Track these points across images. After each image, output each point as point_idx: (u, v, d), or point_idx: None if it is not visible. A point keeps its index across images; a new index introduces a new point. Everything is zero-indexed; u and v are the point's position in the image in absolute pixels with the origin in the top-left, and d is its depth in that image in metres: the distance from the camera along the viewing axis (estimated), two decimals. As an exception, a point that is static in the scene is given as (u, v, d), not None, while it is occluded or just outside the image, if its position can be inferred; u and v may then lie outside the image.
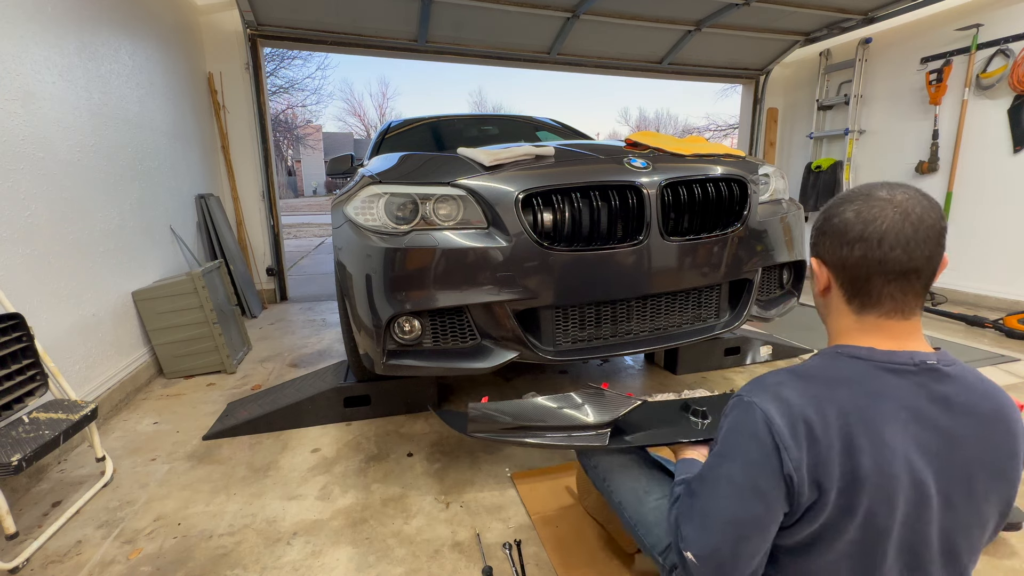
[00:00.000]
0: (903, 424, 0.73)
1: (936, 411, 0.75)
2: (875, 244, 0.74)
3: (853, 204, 0.78)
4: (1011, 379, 2.70)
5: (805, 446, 0.72)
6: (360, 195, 1.69)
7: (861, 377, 0.76)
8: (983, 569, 1.40)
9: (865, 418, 0.73)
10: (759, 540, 0.76)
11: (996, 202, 4.14)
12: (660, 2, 4.34)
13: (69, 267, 2.32)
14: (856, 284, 0.78)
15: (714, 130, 24.37)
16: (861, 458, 0.71)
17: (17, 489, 1.83)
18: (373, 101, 58.08)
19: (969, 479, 0.75)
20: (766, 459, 0.74)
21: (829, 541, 0.75)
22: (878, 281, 0.76)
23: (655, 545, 1.12)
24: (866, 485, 0.71)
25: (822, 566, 0.77)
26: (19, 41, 2.11)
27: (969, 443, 0.75)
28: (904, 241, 0.73)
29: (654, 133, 2.19)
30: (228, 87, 4.48)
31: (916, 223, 0.73)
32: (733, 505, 0.77)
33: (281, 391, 2.53)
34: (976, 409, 0.76)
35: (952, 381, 0.76)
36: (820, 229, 0.82)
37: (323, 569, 1.45)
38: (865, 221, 0.75)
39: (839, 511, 0.73)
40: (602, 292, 1.65)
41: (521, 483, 1.82)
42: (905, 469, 0.72)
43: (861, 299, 0.78)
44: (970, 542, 0.78)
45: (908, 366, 0.76)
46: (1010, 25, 3.99)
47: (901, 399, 0.74)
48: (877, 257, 0.74)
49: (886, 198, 0.76)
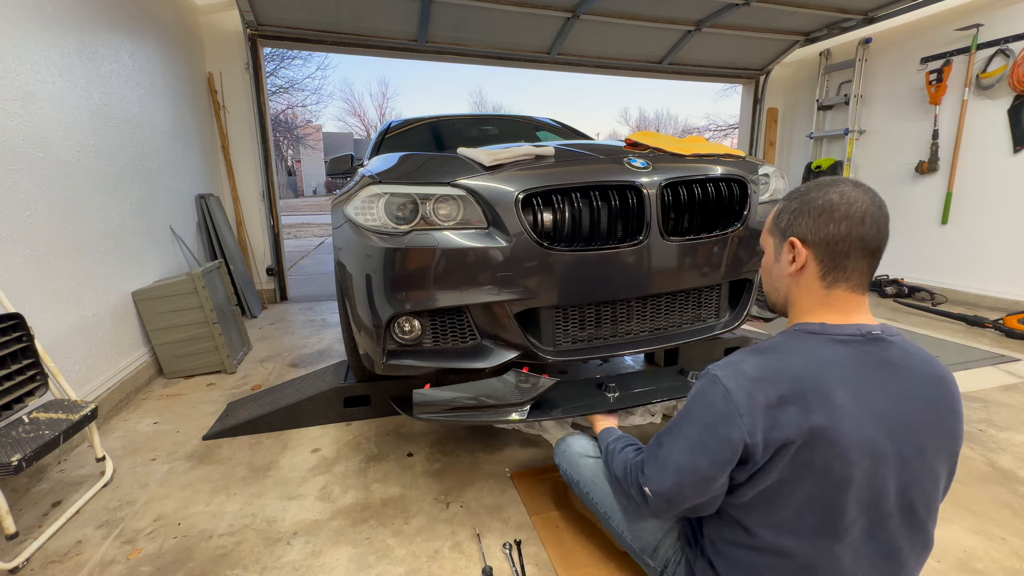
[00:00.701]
0: (852, 388, 0.82)
1: (882, 375, 0.84)
2: (859, 221, 0.85)
3: (832, 188, 0.88)
4: (1011, 379, 2.70)
5: (760, 412, 0.83)
6: (360, 195, 1.69)
7: (814, 348, 0.86)
8: (988, 570, 1.40)
9: (817, 383, 0.82)
10: (703, 487, 0.91)
11: (996, 202, 4.14)
12: (660, 2, 4.34)
13: (69, 267, 2.32)
14: (836, 259, 0.88)
15: (714, 130, 24.36)
16: (814, 418, 0.80)
17: (17, 489, 1.83)
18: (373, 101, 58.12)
19: (918, 436, 0.84)
20: (718, 424, 0.86)
21: (788, 493, 0.85)
22: (856, 255, 0.87)
23: (644, 549, 1.21)
24: (820, 442, 0.80)
25: (788, 518, 0.86)
26: (19, 41, 2.11)
27: (915, 403, 0.84)
28: (879, 222, 0.86)
29: (654, 133, 2.18)
30: (228, 87, 4.48)
31: (881, 206, 0.87)
32: (684, 457, 0.92)
33: (281, 391, 2.53)
34: (919, 373, 0.86)
35: (895, 348, 0.87)
36: (797, 211, 0.91)
37: (323, 569, 1.45)
38: (849, 202, 0.86)
39: (797, 466, 0.82)
40: (602, 292, 1.65)
41: (521, 483, 1.82)
42: (856, 427, 0.81)
43: (835, 273, 0.89)
44: (925, 497, 0.86)
45: (856, 336, 0.86)
46: (1010, 25, 3.99)
47: (850, 367, 0.84)
48: (860, 234, 0.85)
49: (855, 187, 0.88)
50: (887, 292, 4.64)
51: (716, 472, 0.88)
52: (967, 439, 2.09)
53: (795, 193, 0.94)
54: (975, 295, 4.32)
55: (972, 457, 1.96)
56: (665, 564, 1.16)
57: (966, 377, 2.73)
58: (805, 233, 0.90)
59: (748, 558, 0.93)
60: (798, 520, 0.85)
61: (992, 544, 1.49)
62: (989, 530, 1.55)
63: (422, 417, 1.60)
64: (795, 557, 0.87)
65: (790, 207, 0.93)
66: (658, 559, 1.18)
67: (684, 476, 0.92)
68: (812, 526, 0.85)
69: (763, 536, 0.89)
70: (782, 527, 0.87)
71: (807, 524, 0.85)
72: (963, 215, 4.39)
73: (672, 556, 1.15)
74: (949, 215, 4.46)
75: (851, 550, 0.85)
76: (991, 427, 2.19)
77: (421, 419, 1.60)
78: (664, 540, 1.18)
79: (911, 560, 0.88)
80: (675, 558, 1.14)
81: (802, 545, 0.86)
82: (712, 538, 1.02)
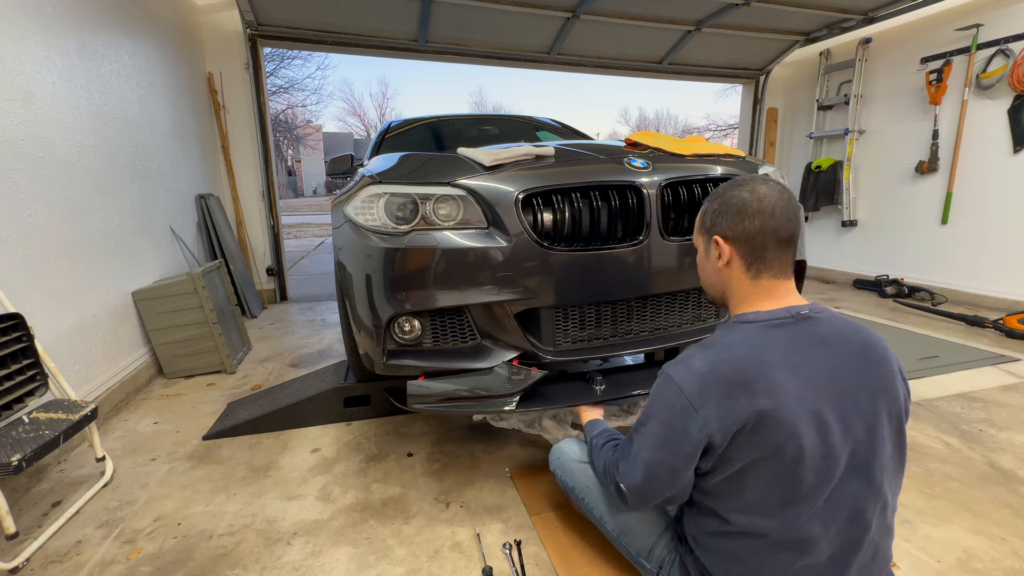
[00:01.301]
0: (791, 367, 0.89)
1: (817, 350, 0.92)
2: (769, 215, 0.94)
3: (744, 187, 0.98)
4: (1011, 379, 2.70)
5: (713, 401, 0.89)
6: (360, 195, 1.69)
7: (751, 336, 0.94)
8: (988, 570, 1.40)
9: (758, 369, 0.89)
10: (671, 479, 0.97)
11: (996, 202, 4.14)
12: (660, 2, 4.34)
13: (69, 267, 2.32)
14: (756, 251, 0.96)
15: (714, 130, 24.36)
16: (760, 401, 0.87)
17: (17, 489, 1.83)
18: (373, 101, 58.07)
19: (858, 400, 0.90)
20: (676, 420, 0.93)
21: (751, 475, 0.91)
22: (772, 246, 0.95)
23: (640, 551, 1.24)
24: (769, 423, 0.87)
25: (755, 500, 0.92)
26: (19, 41, 2.11)
27: (849, 370, 0.91)
28: (788, 213, 0.94)
29: (654, 133, 2.18)
30: (228, 87, 4.48)
31: (790, 199, 0.96)
32: (650, 453, 0.99)
33: (281, 391, 2.53)
34: (849, 342, 0.93)
35: (824, 324, 0.94)
36: (718, 211, 1.00)
37: (323, 569, 1.45)
38: (760, 198, 0.95)
39: (753, 448, 0.89)
40: (602, 292, 1.65)
41: (521, 483, 1.82)
42: (799, 403, 0.87)
43: (758, 265, 0.97)
44: (876, 456, 0.91)
45: (787, 319, 0.94)
46: (1010, 25, 3.99)
47: (786, 347, 0.91)
48: (772, 226, 0.94)
49: (764, 183, 0.97)
50: (887, 292, 4.64)
51: (681, 464, 0.95)
52: (967, 439, 2.09)
53: (715, 194, 1.03)
54: (975, 295, 4.32)
55: (972, 457, 1.96)
56: (660, 565, 1.19)
57: (966, 377, 2.73)
58: (726, 230, 0.99)
59: (727, 545, 0.98)
60: (764, 499, 0.91)
61: (992, 544, 1.49)
62: (989, 530, 1.55)
63: (415, 408, 1.64)
64: (769, 535, 0.92)
65: (712, 207, 1.02)
66: (653, 560, 1.20)
67: (652, 470, 0.99)
68: (777, 502, 0.90)
69: (737, 521, 0.95)
70: (752, 509, 0.93)
71: (772, 502, 0.91)
72: (963, 215, 4.39)
73: (667, 556, 1.18)
74: (949, 215, 4.46)
75: (818, 519, 0.90)
76: (991, 427, 2.19)
77: (415, 409, 1.64)
78: (658, 542, 1.20)
79: (874, 521, 0.92)
80: (669, 558, 1.17)
81: (772, 522, 0.91)
82: (693, 533, 1.07)
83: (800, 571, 0.92)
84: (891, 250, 5.02)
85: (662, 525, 1.22)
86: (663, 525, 1.22)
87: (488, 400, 1.62)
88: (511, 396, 1.61)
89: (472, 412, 1.67)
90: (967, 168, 4.32)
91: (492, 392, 1.62)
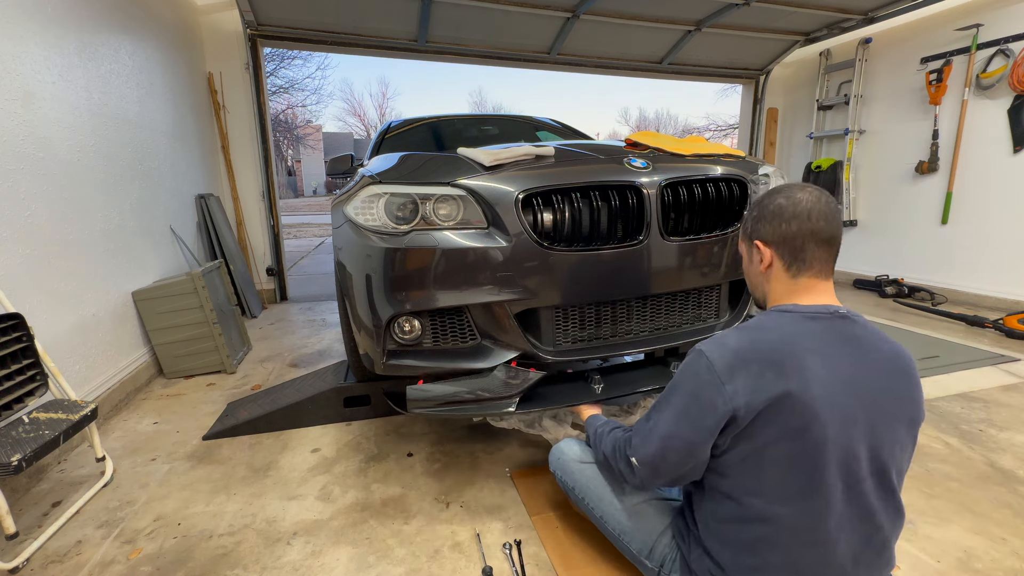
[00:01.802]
0: (821, 356, 0.93)
1: (849, 348, 0.95)
2: (806, 217, 0.98)
3: (780, 194, 1.02)
4: (1011, 379, 2.70)
5: (740, 379, 0.92)
6: (360, 195, 1.69)
7: (788, 323, 0.97)
8: (988, 570, 1.40)
9: (790, 352, 0.92)
10: (686, 453, 0.99)
11: (996, 202, 4.14)
12: (660, 2, 4.34)
13: (69, 267, 2.32)
14: (795, 252, 1.00)
15: (714, 130, 24.35)
16: (789, 381, 0.89)
17: (17, 489, 1.83)
18: (373, 101, 58.03)
19: (882, 402, 0.93)
20: (702, 391, 0.95)
21: (771, 456, 0.92)
22: (811, 247, 0.99)
23: (641, 550, 1.24)
24: (795, 403, 0.89)
25: (773, 483, 0.93)
26: (19, 41, 2.11)
27: (877, 372, 0.94)
28: (826, 215, 0.98)
29: (654, 133, 2.18)
30: (228, 87, 4.48)
31: (828, 202, 1.00)
32: (669, 425, 1.01)
33: (281, 391, 2.53)
34: (880, 347, 0.97)
35: (860, 326, 0.98)
36: (756, 217, 1.06)
37: (323, 569, 1.45)
38: (795, 203, 0.99)
39: (776, 428, 0.91)
40: (602, 292, 1.65)
41: (521, 483, 1.82)
42: (826, 390, 0.90)
43: (798, 264, 1.01)
44: (894, 460, 0.94)
45: (824, 314, 0.98)
46: (1010, 25, 3.99)
47: (820, 338, 0.95)
48: (809, 228, 0.98)
49: (801, 189, 1.01)
50: (887, 292, 4.64)
51: (698, 437, 0.96)
52: (967, 439, 2.09)
53: (754, 203, 1.08)
54: (975, 295, 4.32)
55: (972, 457, 1.96)
56: (662, 563, 1.19)
57: (966, 377, 2.73)
58: (765, 235, 1.04)
59: (740, 532, 0.98)
60: (783, 484, 0.92)
61: (992, 544, 1.49)
62: (989, 530, 1.55)
63: (415, 411, 1.65)
64: (783, 522, 0.93)
65: (751, 215, 1.08)
66: (654, 559, 1.20)
67: (668, 442, 1.01)
68: (796, 489, 0.91)
69: (752, 505, 0.95)
70: (769, 493, 0.94)
71: (791, 487, 0.92)
72: (963, 215, 4.39)
73: (668, 554, 1.18)
74: (949, 215, 4.46)
75: (834, 512, 0.91)
76: (991, 427, 2.19)
77: (414, 413, 1.65)
78: (660, 540, 1.20)
79: (886, 524, 0.95)
80: (671, 555, 1.17)
81: (788, 509, 0.92)
82: (706, 520, 1.07)
83: (812, 564, 0.93)
84: (891, 250, 5.02)
85: (663, 523, 1.22)
86: (664, 523, 1.22)
87: (487, 403, 1.63)
88: (510, 398, 1.61)
89: (472, 415, 1.67)
90: (967, 168, 4.32)
91: (491, 394, 1.62)
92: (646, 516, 1.25)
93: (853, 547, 0.93)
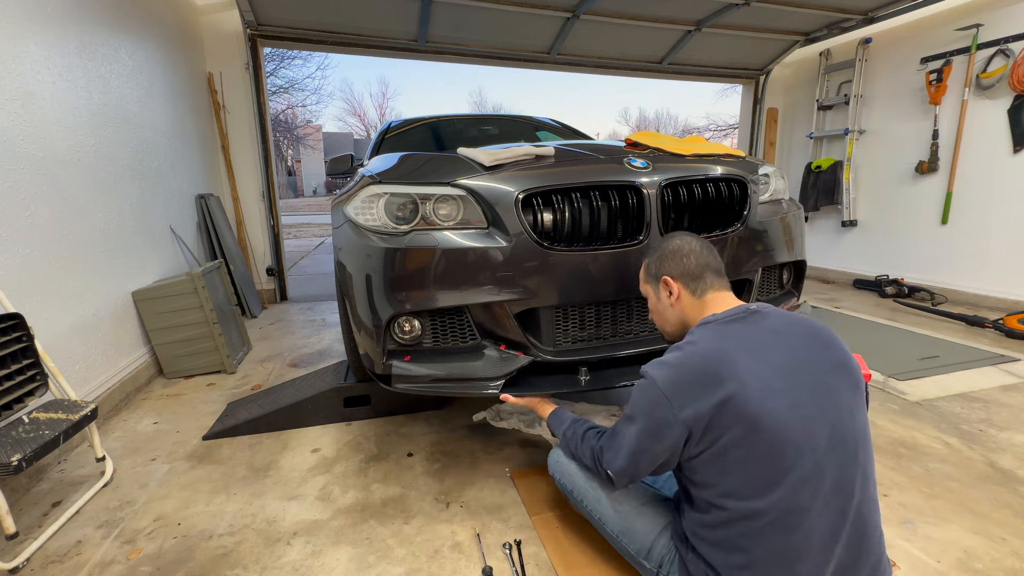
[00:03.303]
0: (751, 352, 1.02)
1: (771, 337, 1.05)
2: (698, 253, 1.24)
3: (674, 239, 1.29)
4: (1011, 379, 2.70)
5: (684, 391, 1.01)
6: (360, 195, 1.69)
7: (712, 333, 1.09)
8: (988, 570, 1.40)
9: (721, 357, 1.02)
10: (653, 460, 1.08)
11: (996, 202, 4.14)
12: (660, 2, 4.34)
13: (69, 267, 2.32)
14: (695, 280, 1.22)
15: (714, 130, 24.35)
16: (728, 385, 0.97)
17: (17, 489, 1.83)
18: (373, 101, 58.04)
19: (820, 377, 1.01)
20: (653, 410, 1.05)
21: (735, 455, 0.98)
22: (705, 272, 1.21)
23: (639, 551, 1.25)
24: (739, 402, 0.96)
25: (745, 479, 0.98)
26: (19, 41, 2.11)
27: (804, 350, 1.04)
28: (707, 249, 1.25)
29: (654, 133, 2.18)
30: (228, 87, 4.48)
31: (703, 242, 1.27)
32: (632, 441, 1.11)
33: (281, 391, 2.53)
34: (798, 328, 1.08)
35: (774, 316, 1.10)
36: (660, 259, 1.28)
37: (323, 569, 1.45)
38: (686, 243, 1.26)
39: (731, 429, 0.97)
40: (602, 292, 1.65)
41: (521, 483, 1.82)
42: (765, 383, 0.97)
43: (698, 285, 1.21)
44: (850, 428, 0.99)
45: (740, 314, 1.11)
46: (1010, 25, 3.99)
47: (744, 336, 1.06)
48: (705, 261, 1.23)
49: (682, 235, 1.29)
50: (887, 292, 4.64)
51: (660, 448, 1.05)
52: (967, 439, 2.09)
53: (653, 252, 1.33)
54: (975, 295, 4.32)
55: (972, 457, 1.96)
56: (660, 564, 1.19)
57: (966, 377, 2.73)
58: (671, 271, 1.24)
59: (727, 534, 1.02)
60: (752, 480, 0.97)
61: (992, 544, 1.49)
62: (989, 530, 1.55)
63: (399, 388, 1.65)
64: (763, 516, 0.96)
65: (654, 258, 1.31)
66: (653, 560, 1.21)
67: (635, 456, 1.11)
68: (765, 482, 0.96)
69: (732, 507, 1.00)
70: (742, 491, 0.98)
71: (761, 481, 0.97)
72: (963, 215, 4.38)
73: (666, 555, 1.18)
74: (949, 215, 4.46)
75: (807, 491, 0.95)
76: (991, 427, 2.19)
77: (398, 389, 1.66)
78: (657, 541, 1.21)
79: (857, 488, 0.98)
80: (669, 557, 1.18)
81: (764, 502, 0.96)
82: (694, 529, 1.09)
83: (796, 549, 0.95)
84: (891, 250, 5.02)
85: (661, 524, 1.23)
86: (662, 524, 1.23)
87: (473, 383, 1.64)
88: (496, 380, 1.63)
89: (456, 393, 1.68)
90: (967, 168, 4.32)
91: (477, 375, 1.63)
92: (644, 517, 1.25)
93: (832, 520, 0.96)
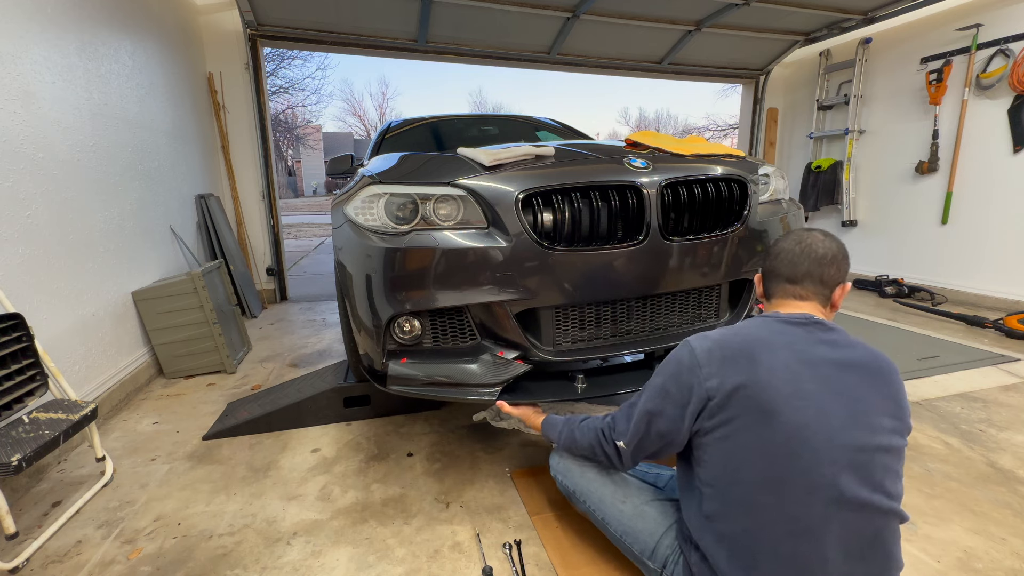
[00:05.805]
0: (795, 352, 1.01)
1: (825, 348, 1.03)
2: (783, 259, 1.15)
3: (787, 238, 1.18)
4: (1011, 379, 2.70)
5: (716, 364, 1.02)
6: (360, 195, 1.69)
7: (767, 324, 1.08)
8: (988, 570, 1.40)
9: (764, 345, 1.02)
10: (665, 427, 1.08)
11: (996, 202, 4.14)
12: (660, 2, 4.34)
13: (69, 267, 2.32)
14: (768, 284, 1.19)
15: (714, 130, 24.35)
16: (757, 370, 0.98)
17: (17, 489, 1.83)
18: (373, 101, 58.07)
19: (861, 397, 0.98)
20: (681, 373, 1.06)
21: (745, 439, 0.97)
22: (779, 282, 1.15)
23: (643, 551, 1.25)
24: (761, 391, 0.96)
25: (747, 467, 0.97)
26: (19, 41, 2.11)
27: (855, 370, 1.00)
28: (813, 257, 1.12)
29: (654, 133, 2.18)
30: (228, 87, 4.48)
31: (803, 248, 1.13)
32: (650, 403, 1.11)
33: (281, 391, 2.53)
34: (856, 350, 1.04)
35: (836, 332, 1.06)
36: (765, 251, 1.23)
37: (323, 569, 1.45)
38: (796, 242, 1.15)
39: (743, 412, 0.97)
40: (602, 292, 1.65)
41: (521, 483, 1.82)
42: (797, 384, 0.97)
43: (769, 292, 1.19)
44: (878, 453, 0.96)
45: (801, 320, 1.08)
46: (1010, 25, 3.99)
47: (795, 338, 1.04)
48: (778, 267, 1.16)
49: (802, 234, 1.16)
50: (887, 292, 4.64)
51: (674, 412, 1.06)
52: (967, 439, 2.09)
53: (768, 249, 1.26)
54: (975, 295, 4.32)
55: (972, 457, 1.96)
56: (663, 564, 1.19)
57: (966, 377, 2.73)
58: (762, 266, 1.22)
59: (727, 524, 1.01)
60: (758, 471, 0.96)
61: (992, 544, 1.49)
62: (989, 530, 1.55)
63: (394, 389, 1.65)
64: (766, 514, 0.95)
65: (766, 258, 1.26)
66: (656, 560, 1.20)
67: (651, 417, 1.10)
68: (773, 478, 0.95)
69: (733, 494, 0.99)
70: (746, 481, 0.97)
71: (768, 475, 0.95)
72: (963, 215, 4.38)
73: (670, 555, 1.18)
74: (949, 215, 4.46)
75: (816, 503, 0.92)
76: (991, 427, 2.19)
77: (393, 391, 1.66)
78: (662, 540, 1.20)
79: (876, 516, 0.95)
80: (672, 557, 1.17)
81: (769, 499, 0.95)
82: (691, 516, 1.09)
83: (804, 556, 0.93)
84: (891, 250, 5.02)
85: (665, 525, 1.22)
86: (666, 525, 1.22)
87: (469, 388, 1.63)
88: (493, 386, 1.63)
89: (451, 398, 1.68)
90: (967, 168, 4.32)
91: (474, 380, 1.63)
92: (648, 517, 1.25)
93: (846, 543, 0.93)
